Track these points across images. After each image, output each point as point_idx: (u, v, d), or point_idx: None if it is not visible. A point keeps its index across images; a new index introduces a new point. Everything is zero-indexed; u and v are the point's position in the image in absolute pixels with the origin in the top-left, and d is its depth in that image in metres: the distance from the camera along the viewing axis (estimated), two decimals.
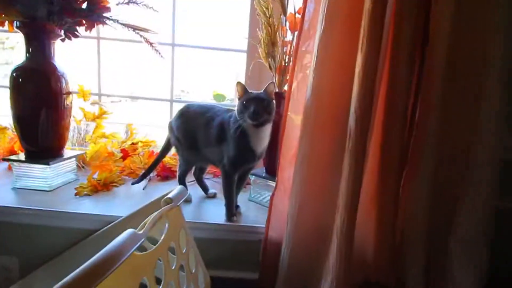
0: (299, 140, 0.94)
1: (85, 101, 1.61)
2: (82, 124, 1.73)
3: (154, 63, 2.00)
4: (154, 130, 2.11)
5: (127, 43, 1.84)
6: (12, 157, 1.35)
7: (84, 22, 1.44)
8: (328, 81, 0.89)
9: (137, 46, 1.89)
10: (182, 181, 1.37)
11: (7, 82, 1.31)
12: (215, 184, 1.61)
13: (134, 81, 2.13)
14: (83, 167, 1.68)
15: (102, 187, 1.38)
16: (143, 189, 1.44)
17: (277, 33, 1.26)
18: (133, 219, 1.07)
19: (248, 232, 1.15)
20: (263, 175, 1.33)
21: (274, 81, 1.27)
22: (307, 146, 0.92)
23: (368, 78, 0.78)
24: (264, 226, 1.09)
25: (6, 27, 1.30)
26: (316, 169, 0.93)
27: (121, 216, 1.12)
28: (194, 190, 1.43)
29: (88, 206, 1.21)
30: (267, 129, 1.09)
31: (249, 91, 1.07)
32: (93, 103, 1.62)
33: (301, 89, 1.01)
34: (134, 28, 1.49)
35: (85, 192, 1.32)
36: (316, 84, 0.89)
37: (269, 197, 1.36)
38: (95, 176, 1.42)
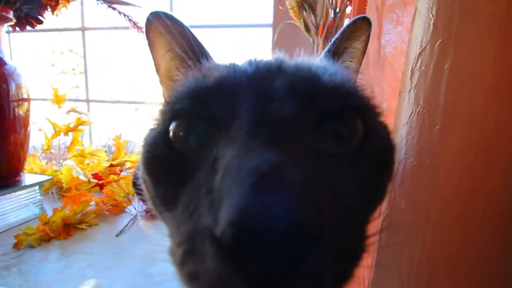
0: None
1: (59, 108, 1.21)
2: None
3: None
4: None
5: (127, 42, 1.45)
6: None
7: (46, 1, 1.05)
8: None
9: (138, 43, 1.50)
10: None
11: None
12: None
13: (133, 85, 1.73)
14: (62, 196, 1.27)
15: (58, 233, 0.93)
16: (117, 236, 0.95)
17: None
18: None
19: None
20: None
21: (316, 48, 0.69)
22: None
23: None
24: None
25: None
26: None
27: None
28: None
29: (14, 271, 0.76)
30: None
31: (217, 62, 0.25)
32: (68, 112, 1.21)
33: (384, 56, 0.41)
34: (110, 2, 1.06)
35: (28, 242, 0.88)
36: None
37: None
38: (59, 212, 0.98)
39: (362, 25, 0.28)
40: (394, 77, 0.36)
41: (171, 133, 0.20)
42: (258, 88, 0.18)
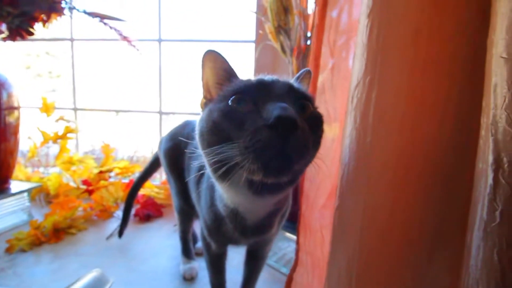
0: (348, 178, 0.43)
1: (48, 116, 1.25)
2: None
3: (141, 69, 1.65)
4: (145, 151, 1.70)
5: (109, 50, 1.50)
6: None
7: (38, 15, 1.10)
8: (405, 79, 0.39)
9: (122, 53, 1.55)
10: (185, 244, 0.86)
11: None
12: None
13: (118, 92, 1.77)
14: (49, 202, 1.29)
15: (49, 237, 0.97)
16: (107, 238, 1.01)
17: None
18: None
19: None
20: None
21: (291, 67, 0.79)
22: (363, 193, 0.41)
23: None
24: None
25: None
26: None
27: None
28: None
29: (10, 273, 0.79)
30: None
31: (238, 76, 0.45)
32: (58, 120, 1.25)
33: (335, 83, 0.52)
34: (101, 17, 1.12)
35: (20, 247, 0.91)
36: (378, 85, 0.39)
37: (289, 259, 0.85)
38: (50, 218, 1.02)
39: (308, 73, 0.50)
40: (343, 100, 0.47)
41: (230, 102, 0.39)
42: (273, 86, 0.40)
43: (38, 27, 1.16)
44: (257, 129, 0.34)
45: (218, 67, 0.44)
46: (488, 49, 0.31)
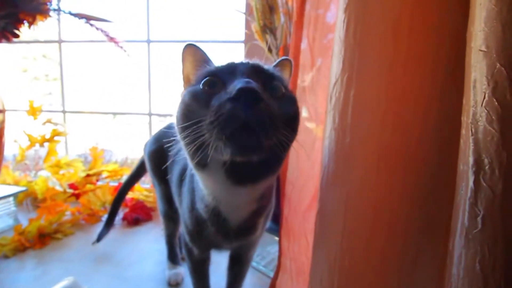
0: (327, 181, 0.41)
1: (34, 119, 1.22)
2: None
3: (132, 71, 1.63)
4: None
5: (102, 52, 1.48)
6: None
7: (22, 16, 1.08)
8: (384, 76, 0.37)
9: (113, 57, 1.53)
10: (171, 249, 0.84)
11: None
12: None
13: (111, 94, 1.75)
14: (37, 207, 1.26)
15: (34, 243, 0.94)
16: (93, 244, 0.98)
17: None
18: None
19: None
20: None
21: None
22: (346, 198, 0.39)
23: None
24: None
25: None
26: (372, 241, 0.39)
27: None
28: None
29: None
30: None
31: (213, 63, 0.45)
32: (44, 123, 1.23)
33: (316, 82, 0.50)
34: (87, 18, 1.10)
35: (3, 253, 0.89)
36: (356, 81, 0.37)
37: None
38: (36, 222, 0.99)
39: (287, 61, 0.49)
40: (324, 99, 0.45)
41: (201, 86, 0.39)
42: (241, 67, 0.40)
43: (25, 29, 1.14)
44: (221, 104, 0.35)
45: (197, 60, 0.46)
46: (468, 42, 0.29)
